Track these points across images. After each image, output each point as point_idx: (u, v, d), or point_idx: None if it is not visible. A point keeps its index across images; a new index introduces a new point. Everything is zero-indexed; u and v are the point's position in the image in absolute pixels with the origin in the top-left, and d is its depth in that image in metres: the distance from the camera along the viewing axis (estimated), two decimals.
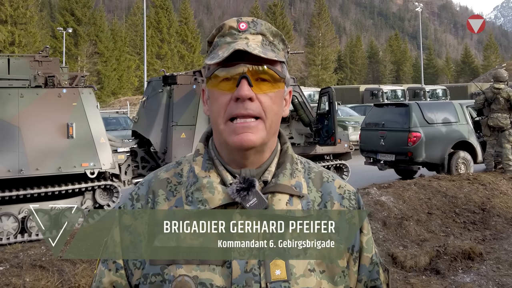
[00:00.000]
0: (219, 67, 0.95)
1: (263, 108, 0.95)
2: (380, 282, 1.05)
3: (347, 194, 1.05)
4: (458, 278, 4.64)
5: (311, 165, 1.09)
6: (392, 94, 25.06)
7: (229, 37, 0.98)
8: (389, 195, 6.40)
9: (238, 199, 0.93)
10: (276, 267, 0.92)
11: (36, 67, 6.85)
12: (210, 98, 1.00)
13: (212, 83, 0.98)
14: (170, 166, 1.07)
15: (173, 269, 0.93)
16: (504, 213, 6.56)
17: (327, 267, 0.96)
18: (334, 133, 8.45)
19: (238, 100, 0.94)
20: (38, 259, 3.96)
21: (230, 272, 0.92)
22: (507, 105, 8.41)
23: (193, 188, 0.98)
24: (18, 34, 40.11)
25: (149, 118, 7.74)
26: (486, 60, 71.76)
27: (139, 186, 1.05)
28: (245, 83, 0.93)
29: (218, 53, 0.96)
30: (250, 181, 0.94)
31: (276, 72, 0.96)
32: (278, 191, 0.97)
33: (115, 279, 0.99)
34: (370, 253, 1.04)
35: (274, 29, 1.01)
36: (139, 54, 49.88)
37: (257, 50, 0.93)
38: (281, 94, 1.00)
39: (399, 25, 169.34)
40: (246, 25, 0.98)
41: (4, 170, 6.08)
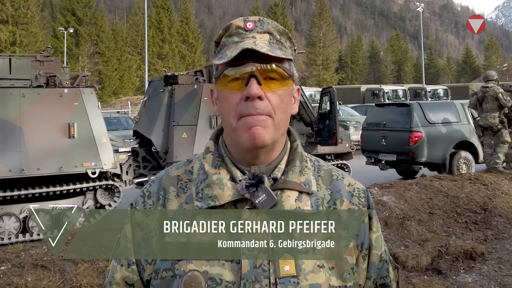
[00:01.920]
0: (228, 67, 0.96)
1: (272, 107, 0.95)
2: (389, 280, 1.06)
3: (356, 192, 1.05)
4: (460, 278, 4.63)
5: (320, 163, 1.10)
6: (393, 94, 25.08)
7: (236, 37, 0.98)
8: (390, 195, 6.40)
9: (247, 195, 0.94)
10: (285, 263, 0.93)
11: (38, 67, 6.86)
12: (220, 98, 1.00)
13: (221, 83, 0.98)
14: (181, 164, 1.09)
15: (183, 264, 0.94)
16: (505, 213, 6.55)
17: (336, 264, 0.96)
18: (335, 133, 8.45)
19: (248, 99, 0.94)
20: (39, 258, 3.96)
21: (239, 267, 0.93)
22: (496, 103, 8.43)
23: (203, 185, 0.99)
24: (19, 34, 40.14)
25: (150, 118, 7.75)
26: (487, 60, 71.67)
27: (151, 184, 1.06)
28: (254, 82, 0.93)
29: (226, 53, 0.96)
30: (259, 177, 0.95)
31: (284, 70, 0.96)
32: (287, 188, 0.98)
33: (127, 274, 1.01)
34: (379, 250, 1.04)
35: (281, 27, 1.01)
36: (140, 54, 49.92)
37: (265, 48, 0.93)
38: (289, 92, 1.00)
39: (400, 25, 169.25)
40: (253, 24, 0.98)
41: (6, 170, 6.08)
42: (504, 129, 8.51)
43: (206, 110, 7.57)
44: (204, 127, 7.50)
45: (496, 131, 8.57)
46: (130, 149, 7.83)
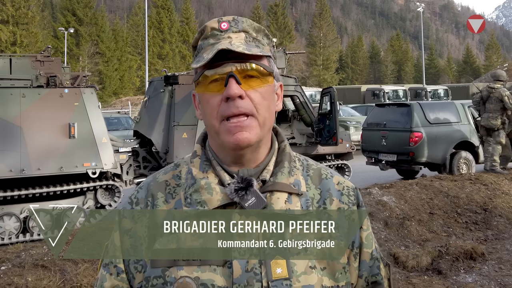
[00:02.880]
0: (206, 69, 0.95)
1: (254, 105, 0.95)
2: (381, 277, 1.05)
3: (345, 190, 1.04)
4: (460, 278, 4.63)
5: (309, 162, 1.09)
6: (393, 94, 25.07)
7: (212, 39, 0.97)
8: (390, 195, 6.40)
9: (237, 199, 0.93)
10: (277, 266, 0.92)
11: (38, 67, 6.86)
12: (201, 102, 1.00)
13: (201, 86, 0.97)
14: (169, 169, 1.07)
15: (174, 271, 0.92)
16: (506, 213, 6.55)
17: (328, 264, 0.96)
18: (335, 133, 8.45)
19: (228, 99, 0.93)
20: (40, 258, 3.96)
21: (231, 272, 0.92)
22: (499, 105, 8.39)
23: (191, 190, 0.98)
24: (20, 34, 40.17)
25: (150, 118, 7.75)
26: (488, 60, 71.65)
27: (138, 190, 1.05)
28: (233, 81, 0.93)
29: (203, 55, 0.95)
30: (248, 181, 0.94)
31: (263, 67, 0.96)
32: (277, 190, 0.97)
33: (116, 283, 0.99)
34: (370, 248, 1.04)
35: (256, 25, 1.01)
36: (141, 54, 49.94)
37: (241, 47, 0.93)
38: (271, 88, 0.99)
39: (400, 25, 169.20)
40: (227, 25, 0.98)
41: (6, 170, 6.09)
42: (502, 130, 8.49)
43: None
44: (204, 127, 7.50)
45: (494, 131, 8.54)
46: (131, 149, 7.83)
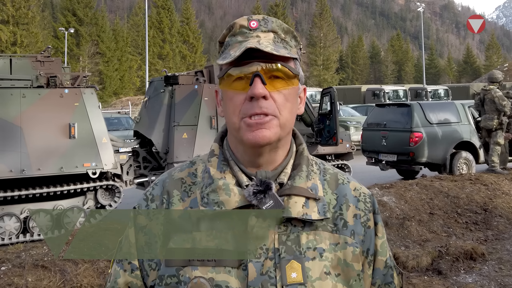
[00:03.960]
0: (232, 66, 0.94)
1: (277, 106, 0.94)
2: (394, 286, 1.05)
3: (362, 197, 1.04)
4: (460, 279, 4.63)
5: (326, 166, 1.08)
6: (394, 94, 25.08)
7: (240, 36, 0.96)
8: (391, 195, 6.40)
9: (255, 201, 0.92)
10: (292, 270, 0.91)
11: (38, 67, 6.86)
12: (224, 99, 0.98)
13: (226, 83, 0.96)
14: (184, 166, 1.06)
15: (188, 270, 0.92)
16: (506, 213, 6.55)
17: (342, 271, 0.95)
18: (335, 133, 8.45)
19: (252, 99, 0.92)
20: (40, 259, 3.96)
21: (246, 274, 0.91)
22: (494, 106, 8.40)
23: (208, 190, 0.97)
24: (20, 34, 40.20)
25: (151, 118, 7.75)
26: (488, 60, 71.67)
27: (154, 186, 1.04)
28: (259, 81, 0.91)
29: (230, 52, 0.94)
30: (266, 184, 0.93)
31: (289, 69, 0.94)
32: (294, 194, 0.96)
33: (130, 279, 0.99)
34: (384, 256, 1.03)
35: (286, 25, 0.99)
36: (141, 54, 49.98)
37: (269, 47, 0.91)
38: (295, 91, 0.98)
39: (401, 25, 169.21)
40: (257, 23, 0.97)
41: (6, 170, 6.09)
42: (500, 131, 8.50)
43: (206, 110, 7.57)
44: (204, 127, 7.51)
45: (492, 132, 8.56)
46: (131, 149, 7.83)
